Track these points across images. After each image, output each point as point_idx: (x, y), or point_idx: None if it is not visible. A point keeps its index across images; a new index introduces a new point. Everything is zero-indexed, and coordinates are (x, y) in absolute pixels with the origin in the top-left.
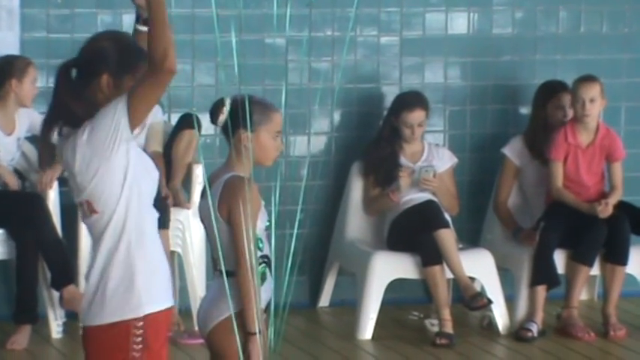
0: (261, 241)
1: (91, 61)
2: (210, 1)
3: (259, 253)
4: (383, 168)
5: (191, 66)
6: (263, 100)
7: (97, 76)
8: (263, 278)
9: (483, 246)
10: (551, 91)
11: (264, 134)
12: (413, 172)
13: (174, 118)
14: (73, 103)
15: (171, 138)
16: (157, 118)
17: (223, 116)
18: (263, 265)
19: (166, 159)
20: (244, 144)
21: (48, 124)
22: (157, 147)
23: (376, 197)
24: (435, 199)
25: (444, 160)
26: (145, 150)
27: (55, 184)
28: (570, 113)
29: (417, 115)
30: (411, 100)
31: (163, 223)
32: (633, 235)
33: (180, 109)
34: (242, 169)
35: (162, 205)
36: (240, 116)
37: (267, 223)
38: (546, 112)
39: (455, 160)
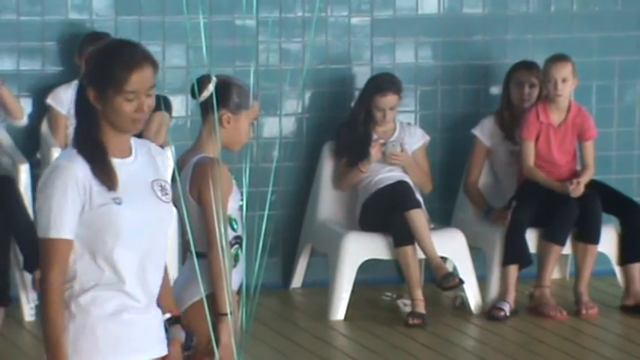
0: (236, 222)
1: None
2: None
3: (233, 234)
4: (356, 149)
5: (162, 48)
6: (245, 84)
7: (85, 89)
8: (236, 260)
9: (455, 226)
10: (512, 69)
11: (244, 119)
12: (384, 144)
13: None
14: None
15: None
16: None
17: (207, 92)
18: (236, 246)
19: None
20: (224, 124)
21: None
22: None
23: (346, 171)
24: (406, 179)
25: (416, 138)
26: None
27: (27, 167)
28: (529, 91)
29: (389, 100)
30: (383, 83)
31: None
32: (605, 213)
33: None
34: (212, 149)
35: None
36: (226, 96)
37: (241, 203)
38: (509, 90)
39: (427, 138)
